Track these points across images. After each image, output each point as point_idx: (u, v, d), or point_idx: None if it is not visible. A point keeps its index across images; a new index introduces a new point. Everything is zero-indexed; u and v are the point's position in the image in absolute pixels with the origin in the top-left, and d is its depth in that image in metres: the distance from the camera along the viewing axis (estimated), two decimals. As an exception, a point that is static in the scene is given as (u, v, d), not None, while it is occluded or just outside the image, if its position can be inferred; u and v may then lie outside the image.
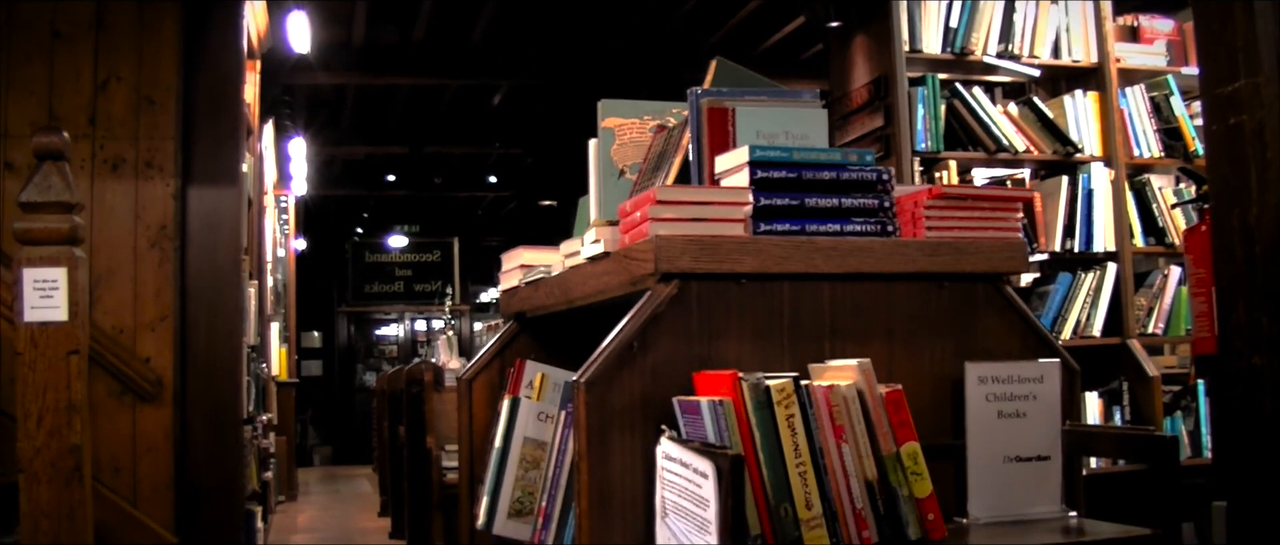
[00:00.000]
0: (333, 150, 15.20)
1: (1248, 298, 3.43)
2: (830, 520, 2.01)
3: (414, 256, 19.80)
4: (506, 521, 2.96)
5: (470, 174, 17.53)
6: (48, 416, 3.73)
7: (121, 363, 5.80)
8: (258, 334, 7.65)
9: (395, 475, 8.48)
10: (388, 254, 19.83)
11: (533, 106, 13.17)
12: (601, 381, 2.16)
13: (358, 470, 15.80)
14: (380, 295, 19.75)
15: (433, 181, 16.80)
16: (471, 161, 16.95)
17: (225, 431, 6.15)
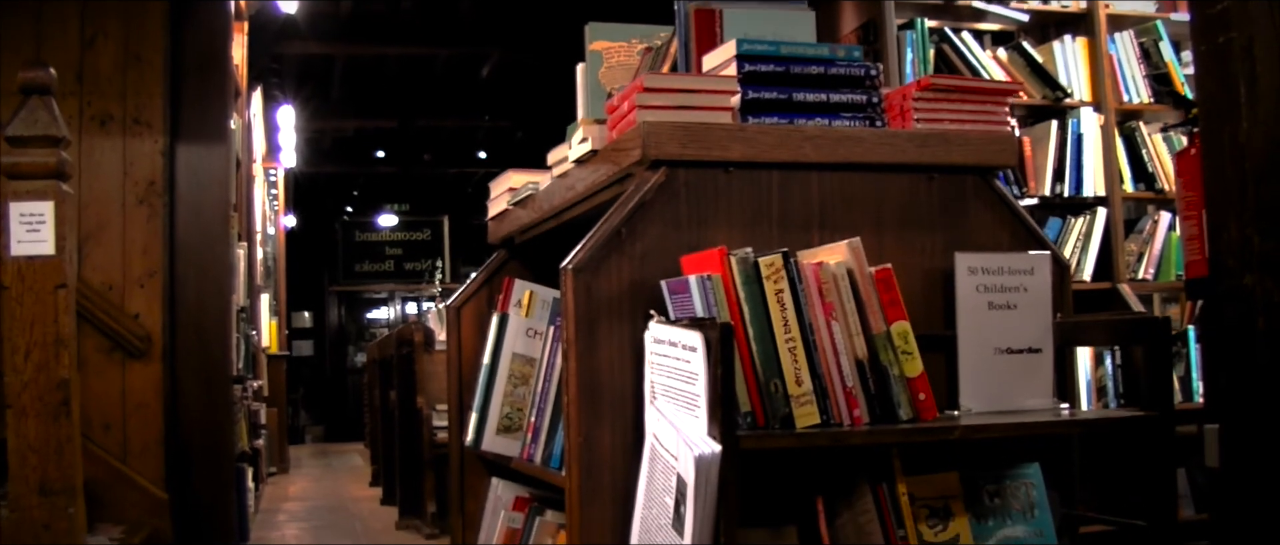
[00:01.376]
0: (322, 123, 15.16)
1: (1239, 216, 3.41)
2: (820, 397, 2.00)
3: (404, 235, 19.77)
4: (495, 437, 2.95)
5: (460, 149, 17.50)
6: (35, 351, 3.71)
7: (110, 319, 5.78)
8: (247, 296, 7.62)
9: (386, 439, 8.48)
10: (378, 233, 19.80)
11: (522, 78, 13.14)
12: (589, 267, 2.14)
13: (349, 446, 15.80)
14: (371, 274, 19.73)
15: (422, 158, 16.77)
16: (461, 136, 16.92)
17: (215, 388, 6.13)
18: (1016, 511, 2.22)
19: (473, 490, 3.39)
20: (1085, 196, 5.43)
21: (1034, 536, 2.22)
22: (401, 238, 19.78)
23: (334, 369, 20.26)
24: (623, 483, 2.13)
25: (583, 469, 2.13)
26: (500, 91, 13.92)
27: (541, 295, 3.01)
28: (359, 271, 19.78)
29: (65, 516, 3.67)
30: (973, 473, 2.22)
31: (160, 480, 5.85)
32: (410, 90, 13.95)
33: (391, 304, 20.54)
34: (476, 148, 17.30)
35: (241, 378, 6.77)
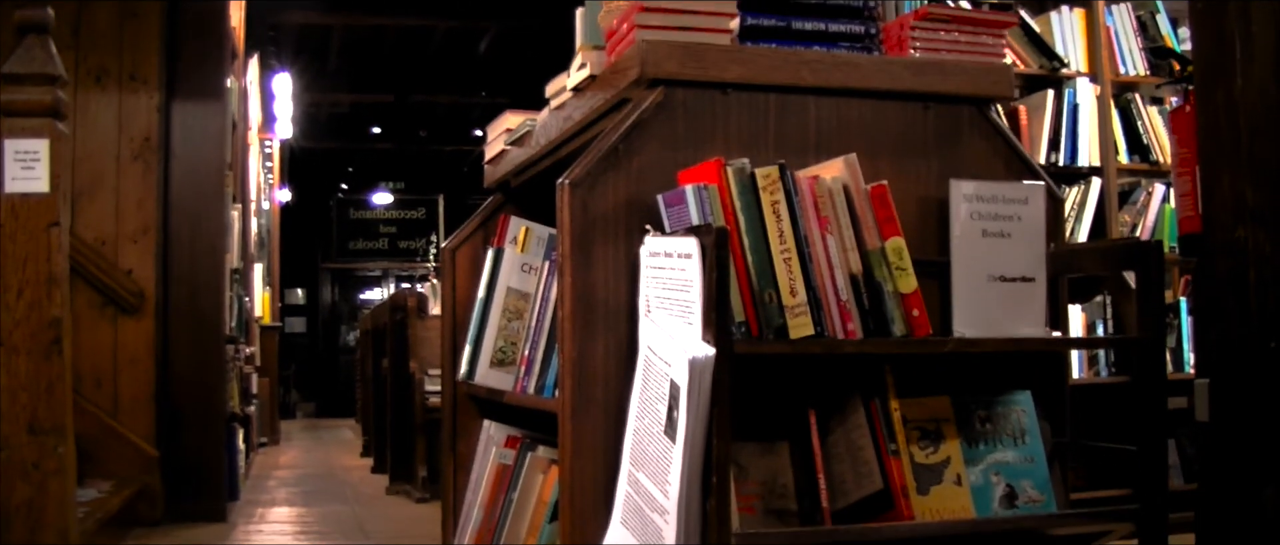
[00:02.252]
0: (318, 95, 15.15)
1: (1233, 170, 3.43)
2: (814, 309, 2.00)
3: (398, 213, 19.75)
4: (488, 371, 2.95)
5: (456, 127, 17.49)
6: (27, 289, 3.70)
7: (103, 274, 5.78)
8: (241, 259, 7.62)
9: (378, 407, 8.47)
10: (372, 211, 19.77)
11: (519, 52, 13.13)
12: (585, 183, 2.15)
13: (340, 422, 15.80)
14: (364, 252, 19.71)
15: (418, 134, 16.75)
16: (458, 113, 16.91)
17: (207, 346, 6.14)
18: (1007, 437, 2.23)
19: (465, 432, 3.40)
20: (1080, 166, 5.45)
21: (1025, 462, 2.23)
22: (396, 216, 19.76)
23: (326, 347, 20.26)
24: (615, 397, 2.14)
25: (575, 383, 2.13)
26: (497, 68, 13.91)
27: (537, 232, 3.01)
28: (353, 249, 19.77)
29: (54, 456, 3.67)
30: (964, 397, 2.23)
31: (151, 437, 5.86)
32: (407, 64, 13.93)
33: (385, 283, 20.51)
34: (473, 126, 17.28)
35: (233, 338, 6.77)
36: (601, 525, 2.13)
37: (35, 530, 3.63)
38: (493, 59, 13.70)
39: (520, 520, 2.89)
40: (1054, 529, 2.14)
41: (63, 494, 3.67)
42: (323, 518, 6.31)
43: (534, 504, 2.87)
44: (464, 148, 18.74)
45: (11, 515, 3.63)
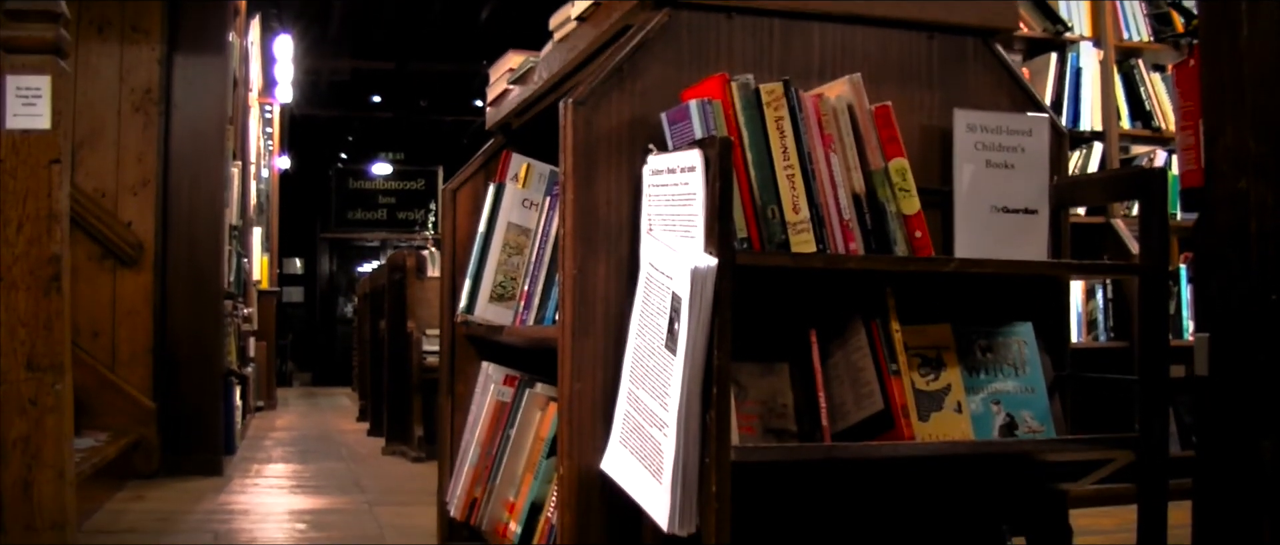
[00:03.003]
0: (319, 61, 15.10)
1: (1236, 121, 3.41)
2: (817, 226, 2.00)
3: (398, 184, 19.74)
4: (488, 305, 2.95)
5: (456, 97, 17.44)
6: (27, 225, 3.70)
7: (102, 225, 5.78)
8: (240, 216, 7.61)
9: (375, 369, 8.46)
10: (372, 181, 19.77)
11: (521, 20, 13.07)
12: (589, 102, 2.14)
13: (337, 390, 15.82)
14: (363, 222, 19.71)
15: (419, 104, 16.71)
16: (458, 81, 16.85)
17: (205, 300, 6.13)
18: (1008, 367, 2.23)
19: (463, 374, 3.40)
20: (1082, 130, 5.44)
21: (1025, 392, 2.22)
22: (395, 187, 19.76)
23: (324, 318, 20.27)
24: (615, 316, 2.13)
25: (576, 302, 2.13)
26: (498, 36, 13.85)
27: (538, 169, 3.01)
28: (351, 219, 19.76)
29: (52, 393, 3.67)
30: (965, 327, 2.23)
31: (148, 389, 5.86)
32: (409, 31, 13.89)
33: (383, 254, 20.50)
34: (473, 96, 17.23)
35: (232, 294, 6.76)
36: (600, 447, 2.13)
37: (32, 467, 3.63)
38: (494, 27, 13.66)
39: (517, 456, 2.89)
40: (1054, 455, 2.14)
41: (60, 431, 3.67)
42: (318, 473, 6.31)
43: (531, 441, 2.87)
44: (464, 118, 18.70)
45: (8, 451, 3.63)
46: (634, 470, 1.99)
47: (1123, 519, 4.75)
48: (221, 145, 6.28)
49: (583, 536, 2.12)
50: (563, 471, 2.13)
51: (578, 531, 2.12)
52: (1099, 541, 4.27)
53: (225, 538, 4.29)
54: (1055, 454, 2.13)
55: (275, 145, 12.93)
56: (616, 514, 2.14)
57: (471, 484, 3.11)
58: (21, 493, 3.62)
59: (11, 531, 3.60)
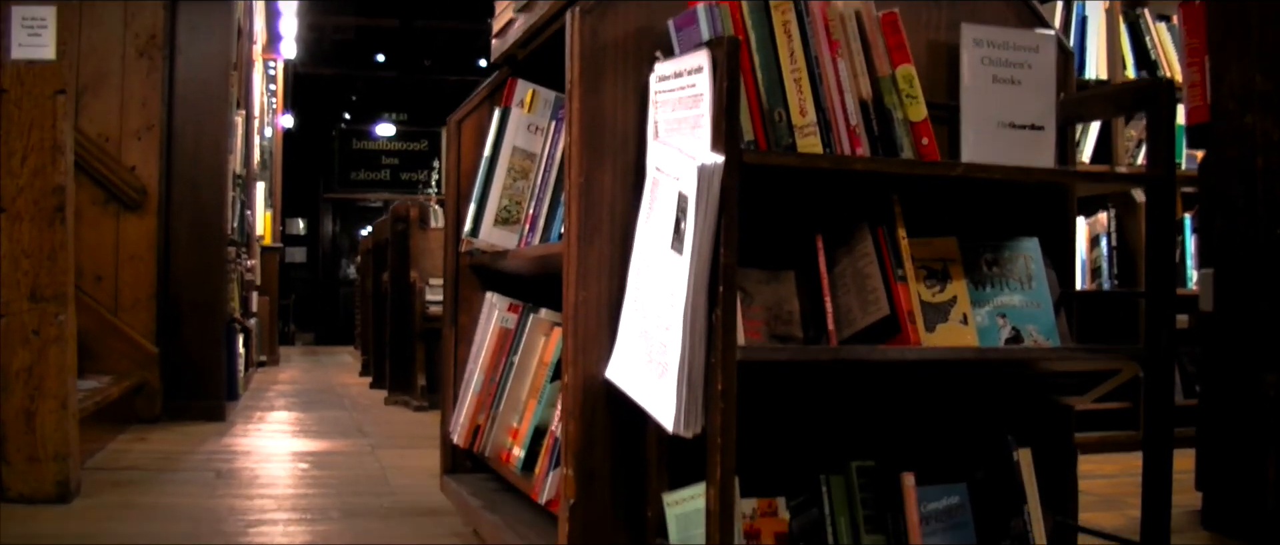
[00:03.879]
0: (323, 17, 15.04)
1: (1242, 58, 3.41)
2: (824, 130, 1.99)
3: (401, 145, 19.73)
4: (492, 229, 2.94)
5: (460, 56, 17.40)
6: (32, 156, 3.70)
7: (107, 170, 5.77)
8: (243, 165, 7.59)
9: (377, 321, 8.46)
10: (375, 141, 19.75)
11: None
12: (596, 10, 2.13)
13: (340, 348, 15.84)
14: (366, 183, 19.71)
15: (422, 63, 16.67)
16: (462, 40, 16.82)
17: (208, 245, 6.13)
18: (1014, 281, 2.23)
19: (467, 304, 3.40)
20: (1087, 79, 5.42)
21: (1031, 306, 2.22)
22: (398, 147, 19.75)
23: (326, 278, 20.27)
24: (621, 224, 2.13)
25: (582, 209, 2.13)
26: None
27: (544, 95, 3.00)
28: (355, 179, 19.76)
29: (55, 323, 3.67)
30: (972, 241, 2.22)
31: (150, 334, 5.86)
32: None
33: (387, 215, 20.52)
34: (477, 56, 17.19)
35: (235, 241, 6.76)
36: (605, 356, 2.13)
37: (35, 397, 3.64)
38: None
39: (521, 382, 2.89)
40: (1060, 364, 2.13)
41: (63, 362, 3.68)
42: (321, 420, 6.33)
43: (535, 366, 2.87)
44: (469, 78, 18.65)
45: (11, 382, 3.64)
46: (639, 375, 1.98)
47: (1126, 465, 4.77)
48: (225, 92, 6.27)
49: (588, 446, 2.12)
50: (568, 380, 2.13)
51: (583, 441, 2.12)
52: (1103, 485, 4.28)
53: (227, 475, 4.30)
54: (1060, 363, 2.12)
55: (279, 103, 12.91)
56: (621, 424, 2.14)
57: (475, 411, 3.11)
58: (24, 423, 3.63)
59: (14, 462, 3.61)
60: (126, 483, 4.08)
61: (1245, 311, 3.42)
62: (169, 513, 3.58)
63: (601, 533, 2.12)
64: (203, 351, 6.07)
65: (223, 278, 6.21)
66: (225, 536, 3.25)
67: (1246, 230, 3.42)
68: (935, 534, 2.10)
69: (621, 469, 2.13)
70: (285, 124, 14.13)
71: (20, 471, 3.63)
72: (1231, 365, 3.47)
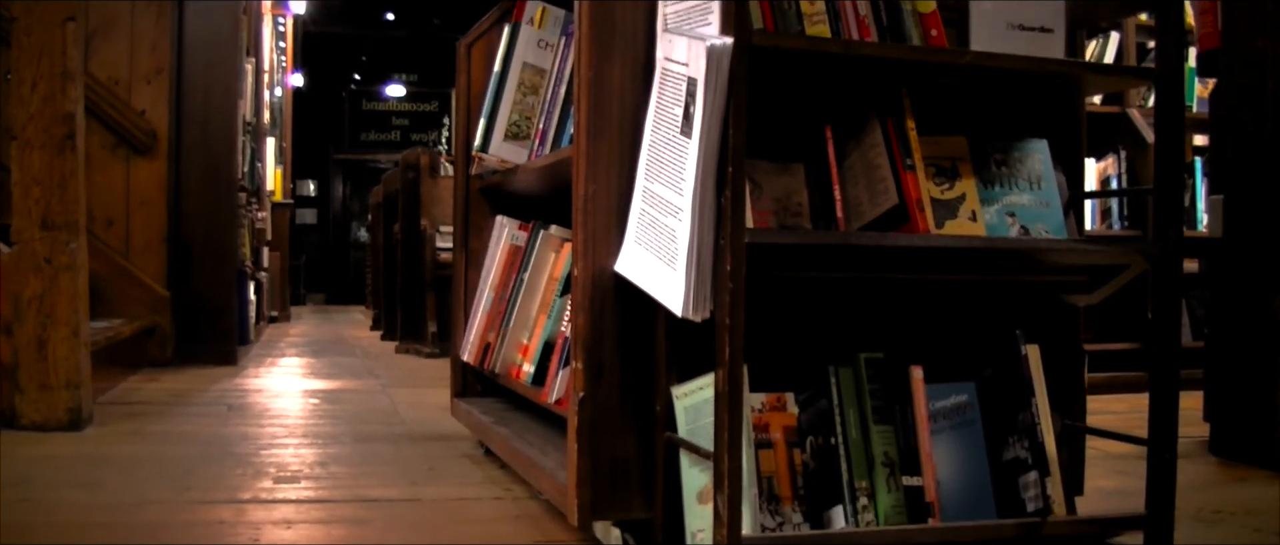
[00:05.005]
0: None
1: (1255, -21, 3.41)
2: (833, 20, 1.99)
3: (411, 106, 19.73)
4: (502, 144, 2.95)
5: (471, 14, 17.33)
6: (42, 83, 3.70)
7: (116, 113, 5.78)
8: (253, 113, 7.59)
9: (388, 270, 8.47)
10: (385, 102, 19.75)
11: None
12: (605, -96, 2.13)
13: (351, 308, 15.89)
14: (376, 144, 19.71)
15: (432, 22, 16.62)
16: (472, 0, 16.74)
17: (219, 189, 6.14)
18: (1023, 181, 2.22)
19: (477, 229, 3.41)
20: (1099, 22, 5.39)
21: (1040, 206, 2.22)
22: (408, 108, 19.74)
23: (337, 241, 20.31)
24: (630, 117, 2.13)
25: (592, 103, 2.13)
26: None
27: (554, 12, 2.99)
28: (365, 141, 19.77)
29: (67, 251, 3.68)
30: (981, 140, 2.22)
31: (162, 278, 5.88)
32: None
33: (398, 178, 20.50)
34: (487, 15, 17.13)
35: (245, 187, 6.76)
36: (615, 249, 2.13)
37: (47, 325, 3.65)
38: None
39: (531, 298, 2.90)
40: (1068, 258, 2.13)
41: (74, 290, 3.69)
42: (332, 365, 6.35)
43: (545, 282, 2.88)
44: (478, 40, 18.61)
45: (23, 309, 3.65)
46: (648, 264, 1.99)
47: (1135, 403, 4.76)
48: (235, 36, 6.27)
49: (597, 340, 2.12)
50: (577, 274, 2.14)
51: (592, 335, 2.13)
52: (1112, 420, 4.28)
53: (240, 408, 4.32)
54: (1068, 256, 2.12)
55: (289, 60, 12.89)
56: (630, 320, 2.14)
57: (485, 329, 3.12)
58: (36, 351, 3.65)
59: (26, 390, 3.63)
60: (139, 414, 4.10)
61: (1255, 236, 3.42)
62: (181, 438, 3.59)
63: (610, 426, 2.13)
64: (214, 295, 6.09)
65: (234, 222, 6.22)
66: (237, 456, 3.27)
67: (1257, 154, 3.41)
68: (943, 431, 2.11)
69: (630, 365, 2.14)
70: (295, 83, 14.11)
71: (32, 399, 3.65)
72: (1241, 291, 3.47)
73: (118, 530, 2.37)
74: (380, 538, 2.35)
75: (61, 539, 2.29)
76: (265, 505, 2.64)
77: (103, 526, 2.40)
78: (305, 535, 2.35)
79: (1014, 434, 2.07)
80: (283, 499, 2.71)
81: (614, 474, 2.14)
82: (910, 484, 2.01)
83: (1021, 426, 2.05)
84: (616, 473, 2.14)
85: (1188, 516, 2.65)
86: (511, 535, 2.39)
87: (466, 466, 3.17)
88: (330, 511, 2.59)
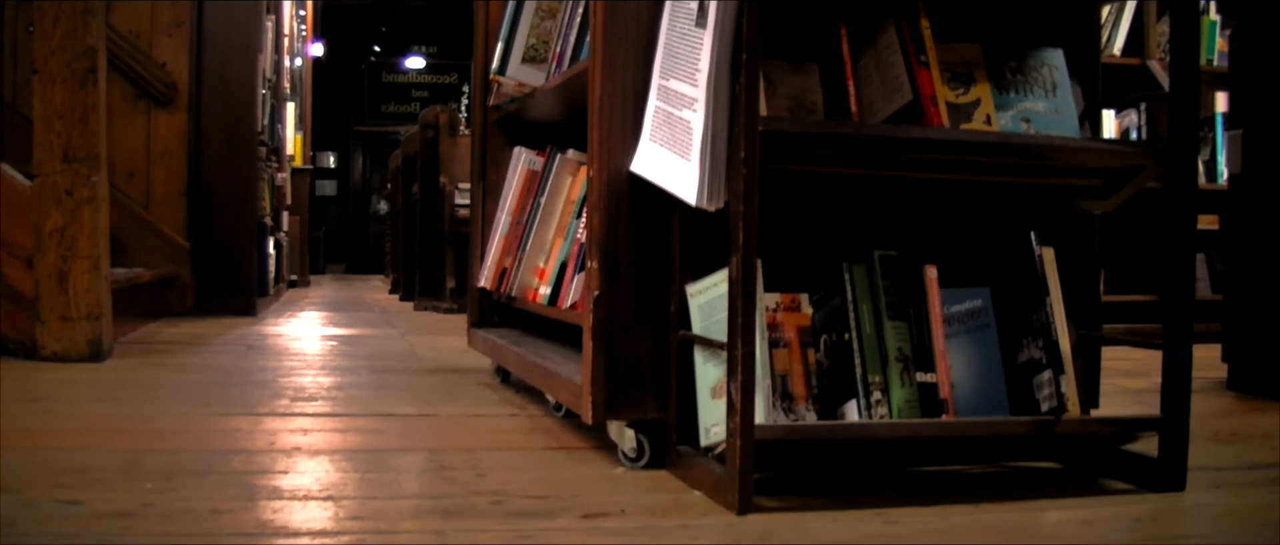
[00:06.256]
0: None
1: (1275, -89, 3.39)
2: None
3: (431, 78, 19.75)
4: (520, 67, 2.96)
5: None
6: (64, 18, 3.72)
7: (137, 65, 5.80)
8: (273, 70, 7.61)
9: (407, 230, 8.49)
10: (404, 74, 19.77)
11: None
12: None
13: (370, 276, 15.94)
14: (396, 115, 19.73)
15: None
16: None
17: (239, 141, 6.16)
18: (1038, 89, 2.22)
19: (495, 162, 3.42)
20: (1118, -26, 5.38)
21: (1055, 114, 2.22)
22: (428, 80, 19.76)
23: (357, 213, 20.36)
24: (647, 19, 2.14)
25: (608, 7, 2.14)
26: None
27: (571, -60, 3.00)
28: (384, 112, 19.79)
29: (88, 184, 3.71)
30: (995, 48, 2.22)
31: (182, 229, 5.91)
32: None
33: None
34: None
35: (265, 141, 6.78)
36: (630, 150, 2.14)
37: (68, 257, 3.68)
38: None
39: (548, 221, 2.91)
40: (1083, 159, 2.13)
41: (95, 223, 3.72)
42: (350, 318, 6.38)
43: (562, 205, 2.89)
44: (499, 11, 18.63)
45: (45, 242, 3.68)
46: (663, 159, 2.00)
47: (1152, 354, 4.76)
48: (256, -11, 6.30)
49: (612, 240, 2.13)
50: (593, 174, 2.15)
51: (608, 234, 2.14)
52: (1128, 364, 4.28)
53: (259, 348, 4.35)
54: (1083, 157, 2.12)
55: (309, 29, 12.92)
56: (645, 223, 2.15)
57: (501, 254, 3.13)
58: (57, 283, 3.68)
59: (48, 322, 3.66)
60: (158, 351, 4.13)
61: (1273, 170, 3.41)
62: (200, 368, 3.62)
63: (624, 326, 2.14)
64: (234, 247, 6.11)
65: (254, 174, 6.24)
66: (255, 382, 3.29)
67: (1276, 88, 3.40)
68: (957, 335, 2.11)
69: (645, 266, 2.15)
70: (315, 53, 14.14)
71: (53, 331, 3.68)
72: (1259, 226, 3.47)
73: (137, 435, 2.40)
74: (395, 444, 2.37)
75: (83, 442, 2.31)
76: (283, 417, 2.66)
77: (123, 432, 2.43)
78: (321, 441, 2.37)
79: (1028, 335, 2.08)
80: (300, 413, 2.73)
81: (628, 374, 2.15)
82: (924, 380, 2.01)
83: (1036, 326, 2.06)
84: (630, 372, 2.15)
85: (1204, 438, 2.66)
86: (525, 443, 2.41)
87: (483, 391, 3.19)
88: (346, 423, 2.61)
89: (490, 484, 1.99)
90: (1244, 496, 2.07)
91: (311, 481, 1.98)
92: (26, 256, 3.70)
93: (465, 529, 1.66)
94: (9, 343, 3.73)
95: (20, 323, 3.71)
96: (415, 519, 1.73)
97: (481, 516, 1.75)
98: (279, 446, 2.29)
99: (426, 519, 1.73)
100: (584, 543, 1.62)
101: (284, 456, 2.19)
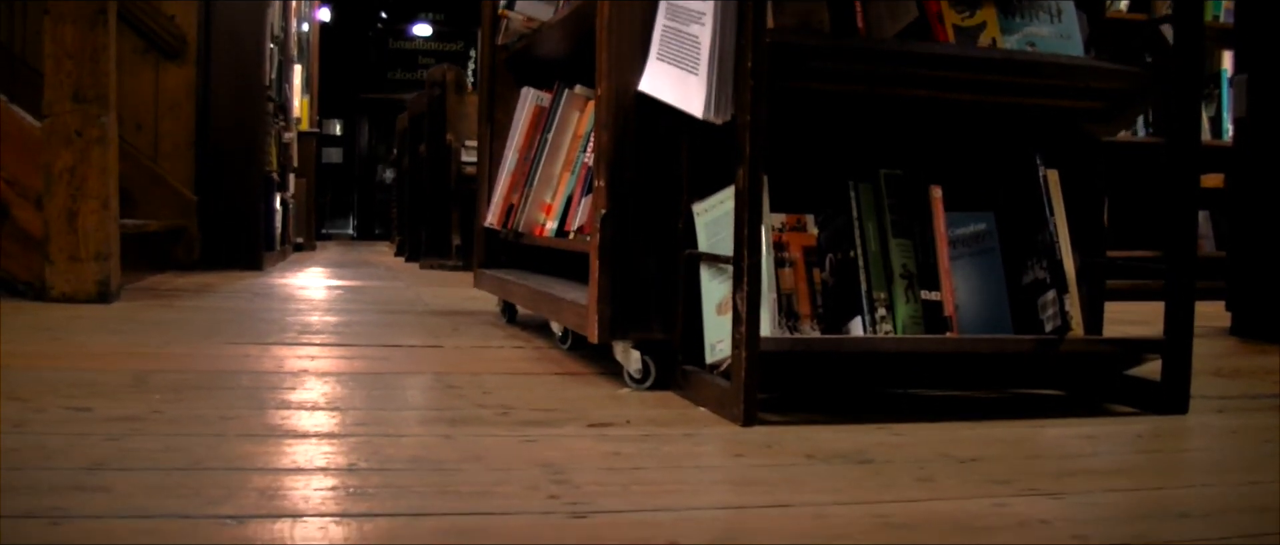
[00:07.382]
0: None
1: None
2: None
3: (438, 45, 19.74)
4: (528, 1, 2.96)
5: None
6: (73, -43, 3.72)
7: (146, 17, 5.80)
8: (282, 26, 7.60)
9: (414, 189, 8.49)
10: (411, 41, 19.76)
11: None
12: None
13: (376, 242, 15.96)
14: (402, 83, 19.70)
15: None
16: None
17: (248, 95, 6.16)
18: (1044, 14, 2.23)
19: (502, 101, 3.42)
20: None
21: (1061, 39, 2.22)
22: (435, 47, 19.75)
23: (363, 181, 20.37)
24: (655, -61, 2.14)
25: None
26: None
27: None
28: (391, 79, 19.79)
29: (97, 125, 3.72)
30: (1003, -27, 2.22)
31: (190, 182, 5.91)
32: None
33: (424, 120, 20.51)
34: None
35: (272, 97, 6.78)
36: (638, 70, 2.15)
37: (77, 197, 3.69)
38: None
39: (555, 157, 2.92)
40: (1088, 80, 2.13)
41: (105, 162, 3.72)
42: (356, 273, 6.41)
43: (569, 140, 2.90)
44: (506, -24, 18.59)
45: (54, 181, 3.69)
46: (671, 76, 2.01)
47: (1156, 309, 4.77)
48: (264, -57, 6.29)
49: (620, 159, 2.14)
50: (601, 93, 2.16)
51: (615, 153, 2.14)
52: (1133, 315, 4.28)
53: (266, 295, 4.36)
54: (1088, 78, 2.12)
55: (316, -7, 12.90)
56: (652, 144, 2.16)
57: (508, 191, 3.14)
58: (66, 223, 3.68)
59: (56, 262, 3.67)
60: (166, 296, 4.15)
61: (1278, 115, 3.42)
62: (208, 309, 3.64)
63: (631, 245, 2.15)
64: (241, 200, 6.12)
65: (262, 128, 6.25)
66: (263, 320, 3.31)
67: None
68: (962, 258, 2.12)
69: (651, 186, 2.16)
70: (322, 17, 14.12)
71: (62, 271, 3.69)
72: (1264, 170, 3.47)
73: (145, 358, 2.41)
74: (401, 368, 2.39)
75: (92, 364, 2.33)
76: (290, 346, 2.68)
77: (131, 355, 2.45)
78: (329, 366, 2.38)
79: (1033, 256, 2.08)
80: (307, 343, 2.75)
81: (635, 293, 2.16)
82: (929, 298, 2.02)
83: (1040, 247, 2.07)
84: (637, 292, 2.16)
85: (1207, 373, 2.67)
86: (531, 369, 2.43)
87: (489, 329, 3.21)
88: (354, 351, 2.63)
89: (497, 399, 2.01)
90: (1246, 419, 2.09)
91: (318, 396, 1.99)
92: (36, 197, 3.71)
93: (473, 434, 1.68)
94: (18, 283, 3.74)
95: (30, 263, 3.73)
96: (422, 425, 1.75)
97: (489, 424, 1.76)
98: (287, 369, 2.31)
99: (434, 426, 1.74)
100: (590, 447, 1.63)
101: (292, 377, 2.21)
